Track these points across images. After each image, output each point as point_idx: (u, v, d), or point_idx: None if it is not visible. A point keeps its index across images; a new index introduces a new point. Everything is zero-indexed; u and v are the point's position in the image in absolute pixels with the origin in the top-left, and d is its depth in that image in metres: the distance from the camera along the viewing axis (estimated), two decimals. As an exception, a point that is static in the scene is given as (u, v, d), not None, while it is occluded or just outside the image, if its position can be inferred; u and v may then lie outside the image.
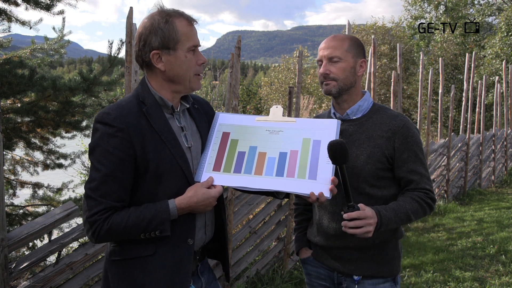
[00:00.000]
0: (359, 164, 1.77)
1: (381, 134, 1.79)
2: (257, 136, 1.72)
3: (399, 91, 5.92)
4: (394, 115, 1.83)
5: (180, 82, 1.59)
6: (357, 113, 1.86)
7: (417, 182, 1.77)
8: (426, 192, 1.77)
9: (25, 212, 4.60)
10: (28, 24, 4.50)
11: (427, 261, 4.66)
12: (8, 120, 4.16)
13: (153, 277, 1.53)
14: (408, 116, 16.95)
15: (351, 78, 1.81)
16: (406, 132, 1.77)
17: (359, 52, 1.83)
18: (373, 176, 1.77)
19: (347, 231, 1.59)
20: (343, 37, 1.84)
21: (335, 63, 1.79)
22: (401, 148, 1.77)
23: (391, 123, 1.80)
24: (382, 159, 1.77)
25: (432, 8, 23.67)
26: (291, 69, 21.19)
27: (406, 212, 1.71)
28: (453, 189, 7.70)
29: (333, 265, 1.89)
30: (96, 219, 1.45)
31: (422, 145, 1.83)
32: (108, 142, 1.46)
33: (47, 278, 2.42)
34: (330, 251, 1.90)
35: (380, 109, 1.87)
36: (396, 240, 1.88)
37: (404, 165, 1.77)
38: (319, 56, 1.85)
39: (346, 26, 4.69)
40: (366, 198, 1.77)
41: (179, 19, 1.54)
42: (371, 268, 1.83)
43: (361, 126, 1.83)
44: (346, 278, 1.86)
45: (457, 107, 14.10)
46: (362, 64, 1.84)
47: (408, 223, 1.86)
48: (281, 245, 4.18)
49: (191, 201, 1.52)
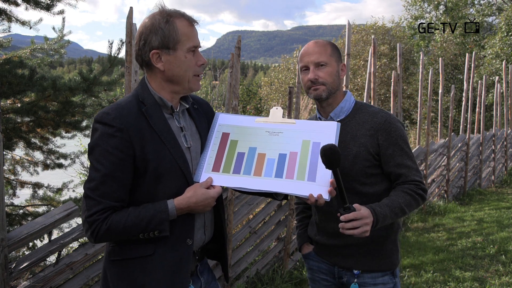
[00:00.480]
0: (347, 164, 1.81)
1: (364, 132, 1.83)
2: (257, 137, 1.72)
3: (399, 91, 5.92)
4: (375, 111, 1.87)
5: (179, 82, 1.59)
6: (340, 115, 1.90)
7: (406, 175, 1.80)
8: (417, 184, 1.80)
9: (25, 212, 4.60)
10: (28, 24, 4.50)
11: (427, 261, 4.66)
12: (8, 120, 4.15)
13: (153, 277, 1.53)
14: (408, 116, 16.98)
15: (337, 82, 1.87)
16: (388, 127, 1.81)
17: (339, 56, 1.90)
18: (363, 174, 1.81)
19: (345, 232, 1.61)
20: (324, 43, 1.89)
21: (322, 68, 1.84)
22: (385, 144, 1.81)
23: (373, 120, 1.84)
24: (369, 157, 1.81)
25: (432, 8, 23.67)
26: (291, 69, 21.19)
27: (400, 206, 1.74)
28: (453, 189, 7.70)
29: (334, 260, 1.95)
30: (95, 218, 1.45)
31: (407, 138, 1.86)
32: (107, 142, 1.47)
33: (47, 278, 2.42)
34: (330, 248, 1.95)
35: (362, 107, 1.91)
36: (395, 235, 1.92)
37: (390, 160, 1.81)
38: (304, 62, 1.87)
39: (346, 26, 4.69)
40: (359, 196, 1.81)
41: (180, 19, 1.54)
42: (370, 263, 1.88)
43: (345, 127, 1.87)
44: (346, 272, 1.91)
45: (457, 107, 14.09)
46: (342, 68, 1.91)
47: (403, 216, 1.89)
48: (281, 245, 4.18)
49: (190, 202, 1.52)
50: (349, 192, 1.77)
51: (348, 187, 1.78)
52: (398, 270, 1.96)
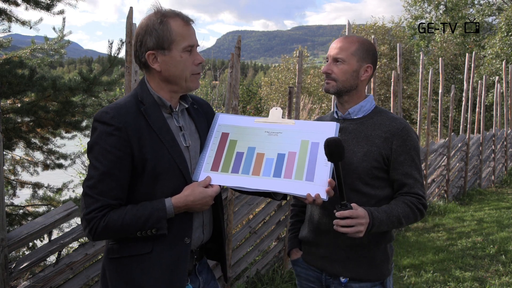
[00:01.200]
0: (355, 160, 1.79)
1: (379, 134, 1.81)
2: (256, 137, 1.73)
3: (399, 91, 5.92)
4: (394, 117, 1.86)
5: (177, 82, 1.59)
6: (358, 113, 1.89)
7: (410, 186, 1.78)
8: (419, 198, 1.78)
9: (25, 212, 4.60)
10: (28, 24, 4.50)
11: (427, 261, 4.66)
12: (8, 120, 4.15)
13: (151, 275, 1.54)
14: (408, 116, 16.98)
15: (351, 81, 1.84)
16: (405, 135, 1.79)
17: (366, 56, 1.84)
18: (368, 174, 1.79)
19: (338, 229, 1.60)
20: (354, 40, 1.85)
21: (338, 64, 1.83)
22: (398, 150, 1.78)
23: (391, 124, 1.82)
24: (379, 158, 1.78)
25: (432, 8, 23.66)
26: (291, 69, 21.19)
27: (398, 215, 1.72)
28: (453, 189, 7.70)
29: (321, 265, 1.90)
30: (93, 216, 1.46)
31: (419, 151, 1.85)
32: (105, 141, 1.48)
33: (47, 278, 2.42)
34: (318, 248, 1.91)
35: (382, 111, 1.90)
36: (386, 243, 1.87)
37: (399, 167, 1.79)
38: (328, 54, 1.89)
39: (346, 26, 4.69)
40: (359, 195, 1.79)
41: (174, 19, 1.54)
42: (359, 271, 1.82)
43: (361, 125, 1.86)
44: (333, 281, 1.86)
45: (457, 107, 14.09)
46: (367, 69, 1.85)
47: (398, 228, 1.86)
48: (281, 245, 4.18)
49: (187, 200, 1.53)
50: (349, 189, 1.78)
51: (350, 183, 1.78)
52: (390, 281, 1.89)
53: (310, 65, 28.07)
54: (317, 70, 21.11)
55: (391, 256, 1.90)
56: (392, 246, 1.94)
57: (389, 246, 1.90)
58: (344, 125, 1.88)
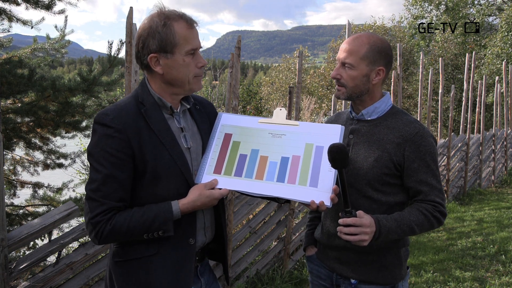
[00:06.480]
0: (365, 166, 1.73)
1: (392, 139, 1.73)
2: (260, 139, 1.69)
3: (399, 91, 5.92)
4: (409, 121, 1.76)
5: (179, 85, 1.57)
6: (372, 115, 1.81)
7: (426, 193, 1.70)
8: (435, 205, 1.70)
9: (25, 212, 4.60)
10: (30, 23, 4.50)
11: (427, 261, 4.66)
12: (8, 120, 4.15)
13: (157, 276, 1.54)
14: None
15: (361, 87, 1.76)
16: (418, 140, 1.71)
17: (378, 59, 1.74)
18: (378, 180, 1.72)
19: (342, 236, 1.58)
20: (364, 42, 1.74)
21: (347, 69, 1.75)
22: (411, 157, 1.70)
23: (404, 129, 1.73)
24: (390, 165, 1.71)
25: (432, 8, 23.65)
26: (292, 69, 21.20)
27: (409, 224, 1.66)
28: (453, 189, 7.70)
29: (332, 265, 1.88)
30: (98, 220, 1.45)
31: (436, 155, 1.75)
32: (106, 143, 1.46)
33: (47, 278, 2.42)
34: (330, 250, 1.90)
35: (397, 113, 1.81)
36: (398, 248, 1.81)
37: (414, 175, 1.70)
38: (337, 56, 1.81)
39: (346, 26, 4.68)
40: (369, 201, 1.74)
41: (178, 22, 1.51)
42: (369, 273, 1.79)
43: (374, 128, 1.79)
44: (344, 281, 1.84)
45: (457, 107, 14.09)
46: (379, 72, 1.75)
47: (412, 235, 1.79)
48: (281, 245, 4.18)
49: (195, 205, 1.52)
50: (359, 194, 1.73)
51: (360, 189, 1.73)
52: (403, 286, 1.82)
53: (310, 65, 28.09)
54: (317, 70, 21.13)
55: (404, 260, 1.83)
56: (408, 250, 1.87)
57: (403, 250, 1.83)
58: (358, 126, 1.82)
